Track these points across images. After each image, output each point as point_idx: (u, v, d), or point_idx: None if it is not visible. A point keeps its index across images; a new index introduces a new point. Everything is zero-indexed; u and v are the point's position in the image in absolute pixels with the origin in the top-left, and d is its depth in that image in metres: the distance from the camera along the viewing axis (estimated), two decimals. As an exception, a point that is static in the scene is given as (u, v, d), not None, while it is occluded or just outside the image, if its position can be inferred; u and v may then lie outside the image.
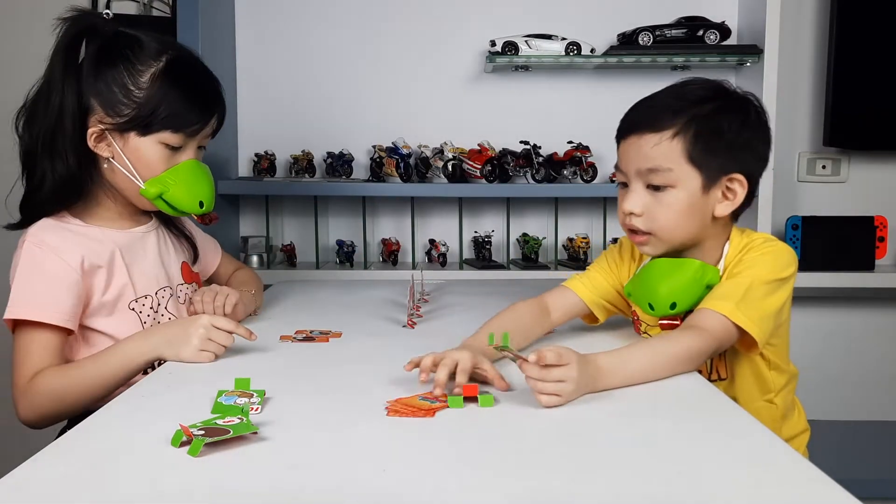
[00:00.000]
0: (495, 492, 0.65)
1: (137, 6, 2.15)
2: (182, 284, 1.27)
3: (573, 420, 0.83)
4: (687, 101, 1.07)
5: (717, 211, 1.08)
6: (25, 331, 1.08)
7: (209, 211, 1.22)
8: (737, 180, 1.07)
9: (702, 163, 1.05)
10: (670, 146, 1.04)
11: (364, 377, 0.99)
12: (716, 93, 1.09)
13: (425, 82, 2.27)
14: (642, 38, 2.10)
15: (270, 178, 2.22)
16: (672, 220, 1.07)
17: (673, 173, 1.05)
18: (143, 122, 1.12)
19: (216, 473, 0.68)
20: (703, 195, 1.06)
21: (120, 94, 1.12)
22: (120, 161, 1.15)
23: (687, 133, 1.04)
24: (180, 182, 1.17)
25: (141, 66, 1.13)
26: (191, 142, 1.17)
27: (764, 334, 1.02)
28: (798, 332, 2.30)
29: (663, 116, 1.06)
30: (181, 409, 0.84)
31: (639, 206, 1.07)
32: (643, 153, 1.06)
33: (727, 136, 1.05)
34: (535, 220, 2.31)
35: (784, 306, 1.08)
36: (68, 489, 0.66)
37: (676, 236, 1.08)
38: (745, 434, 0.79)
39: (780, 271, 1.07)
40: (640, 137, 1.07)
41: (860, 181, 2.32)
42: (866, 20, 2.18)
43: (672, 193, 1.06)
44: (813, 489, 0.65)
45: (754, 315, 1.01)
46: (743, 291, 1.02)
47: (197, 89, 1.18)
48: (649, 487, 0.65)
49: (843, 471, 0.76)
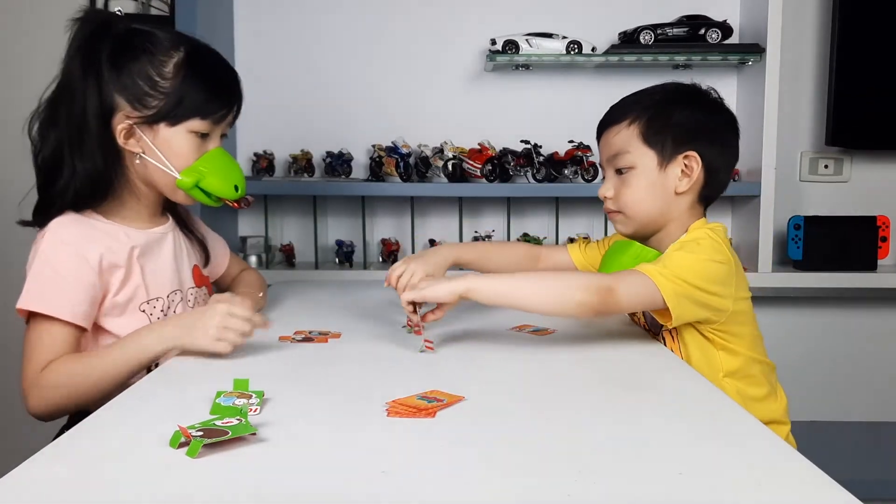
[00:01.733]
0: (495, 492, 0.64)
1: (136, 4, 2.15)
2: (193, 288, 1.27)
3: (573, 420, 0.83)
4: (644, 95, 1.25)
5: (678, 188, 1.20)
6: (39, 323, 1.08)
7: (244, 195, 1.23)
8: (692, 157, 1.19)
9: (654, 142, 1.20)
10: (628, 132, 1.21)
11: (364, 378, 0.99)
12: (673, 87, 1.25)
13: (425, 81, 2.27)
14: (644, 36, 2.10)
15: (269, 177, 2.22)
16: (635, 197, 1.21)
17: (631, 155, 1.21)
18: (172, 112, 1.13)
19: (215, 475, 0.68)
20: (661, 172, 1.20)
21: (146, 87, 1.12)
22: (152, 154, 1.14)
23: (641, 119, 1.21)
24: (214, 169, 1.17)
25: (163, 57, 1.13)
26: (216, 129, 1.18)
27: (677, 297, 1.08)
28: (799, 332, 2.33)
29: (623, 109, 1.24)
30: (179, 411, 0.84)
31: (610, 189, 1.24)
32: (609, 142, 1.25)
33: (676, 118, 1.20)
34: (535, 220, 2.31)
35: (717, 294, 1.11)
36: (67, 490, 0.65)
37: (642, 212, 1.22)
38: (746, 434, 0.79)
39: (710, 255, 1.13)
40: (607, 131, 1.25)
41: (862, 181, 2.32)
42: (868, 19, 2.17)
43: (633, 174, 1.21)
44: (813, 489, 0.65)
45: (668, 275, 1.08)
46: (661, 260, 1.12)
47: (219, 76, 1.19)
48: (649, 487, 0.65)
49: (843, 471, 0.76)
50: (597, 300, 1.06)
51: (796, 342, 2.34)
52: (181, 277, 1.24)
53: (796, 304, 2.32)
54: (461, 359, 1.08)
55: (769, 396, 1.21)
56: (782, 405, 1.23)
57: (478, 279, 1.09)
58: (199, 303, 1.28)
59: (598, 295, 1.06)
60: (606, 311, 1.09)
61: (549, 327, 1.24)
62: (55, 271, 1.09)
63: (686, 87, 1.25)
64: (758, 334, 1.21)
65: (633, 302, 1.10)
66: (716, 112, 1.23)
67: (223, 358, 1.04)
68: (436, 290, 1.09)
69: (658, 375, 1.02)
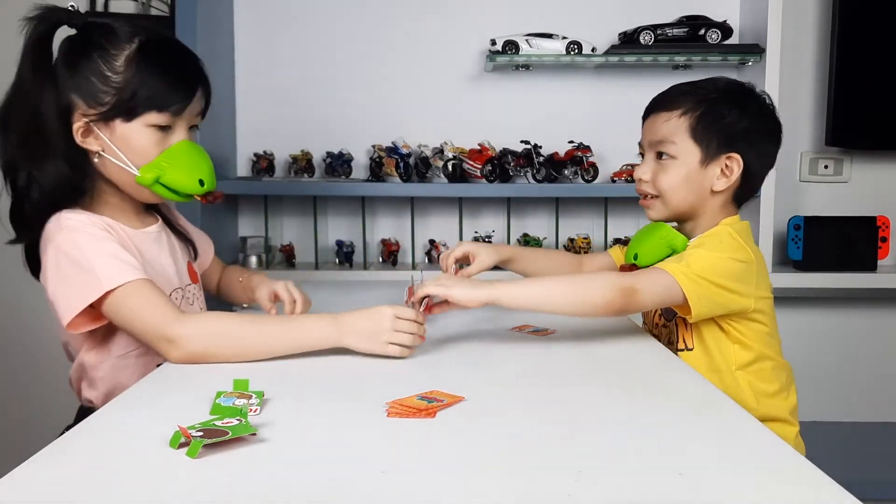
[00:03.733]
0: (495, 492, 0.64)
1: (136, 5, 2.15)
2: (190, 285, 1.26)
3: (573, 420, 0.83)
4: (699, 88, 1.24)
5: (714, 186, 1.21)
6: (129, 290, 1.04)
7: (211, 189, 1.17)
8: (734, 159, 1.20)
9: (702, 139, 1.21)
10: (677, 122, 1.22)
11: (364, 378, 0.99)
12: (727, 85, 1.26)
13: (425, 82, 2.27)
14: (643, 37, 2.10)
15: (269, 178, 2.22)
16: (671, 185, 1.23)
17: (676, 146, 1.22)
18: (126, 107, 1.09)
19: (215, 475, 0.68)
20: (702, 168, 1.21)
21: (98, 83, 1.09)
22: (110, 152, 1.11)
23: (693, 113, 1.21)
24: (176, 163, 1.12)
25: (114, 50, 1.09)
26: (179, 121, 1.13)
27: (698, 296, 1.10)
28: (800, 333, 2.33)
29: (676, 99, 1.24)
30: (180, 411, 0.84)
31: (648, 173, 1.25)
32: (656, 128, 1.24)
33: (727, 119, 1.21)
34: (535, 221, 2.31)
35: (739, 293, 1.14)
36: (67, 490, 0.65)
37: (676, 201, 1.23)
38: (746, 434, 0.79)
39: (731, 254, 1.15)
40: (656, 116, 1.25)
41: (862, 181, 2.32)
42: (868, 19, 2.17)
43: (674, 163, 1.22)
44: (813, 489, 0.65)
45: (689, 273, 1.11)
46: (683, 258, 1.14)
47: (175, 66, 1.14)
48: (649, 487, 0.65)
49: (843, 471, 0.76)
50: (621, 300, 1.09)
51: (796, 342, 2.33)
52: (179, 275, 1.23)
53: (796, 304, 2.32)
54: (461, 359, 1.08)
55: (779, 393, 1.21)
56: (790, 405, 1.23)
57: (502, 288, 1.09)
58: (197, 299, 1.27)
59: (623, 295, 1.09)
60: (631, 310, 1.13)
61: (549, 327, 1.24)
62: (107, 243, 1.06)
63: (740, 88, 1.25)
64: (775, 333, 1.23)
65: (657, 301, 1.14)
66: (763, 117, 1.24)
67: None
68: (462, 293, 1.09)
69: (658, 375, 1.02)
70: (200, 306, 1.28)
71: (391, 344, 1.04)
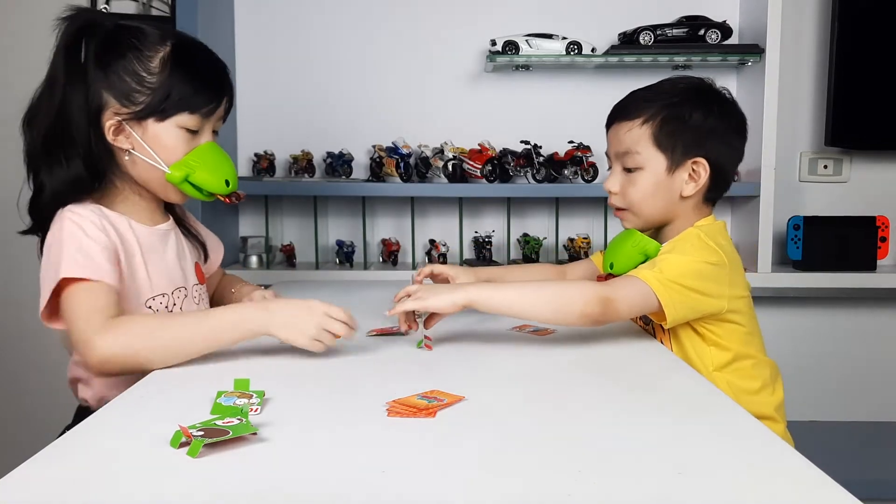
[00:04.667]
0: (495, 492, 0.65)
1: (137, 5, 2.15)
2: (196, 285, 1.27)
3: (573, 420, 0.83)
4: (659, 93, 1.23)
5: (683, 191, 1.21)
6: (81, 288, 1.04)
7: (235, 189, 1.22)
8: (701, 164, 1.20)
9: (666, 146, 1.20)
10: (640, 132, 1.21)
11: (364, 377, 0.99)
12: (687, 86, 1.24)
13: (425, 82, 2.27)
14: (643, 37, 2.10)
15: (270, 178, 2.22)
16: (641, 197, 1.22)
17: (640, 156, 1.21)
18: (160, 107, 1.12)
19: (215, 474, 0.68)
20: (669, 176, 1.21)
21: (133, 83, 1.12)
22: (141, 150, 1.14)
23: (655, 120, 1.20)
24: (204, 163, 1.16)
25: (149, 52, 1.12)
26: (207, 124, 1.18)
27: (673, 302, 1.10)
28: (799, 332, 2.33)
29: (636, 106, 1.22)
30: (180, 410, 0.84)
31: (616, 185, 1.25)
32: (619, 138, 1.23)
33: (691, 123, 1.19)
34: (535, 221, 2.31)
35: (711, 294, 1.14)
36: (68, 490, 0.65)
37: (647, 212, 1.24)
38: (745, 434, 0.79)
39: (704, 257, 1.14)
40: (618, 125, 1.24)
41: (862, 181, 2.32)
42: (868, 19, 2.17)
43: (641, 174, 1.22)
44: (813, 489, 0.65)
45: (663, 280, 1.11)
46: (656, 264, 1.14)
47: (207, 70, 1.18)
48: (649, 488, 0.65)
49: (843, 471, 0.76)
50: (598, 311, 1.09)
51: (796, 342, 2.34)
52: (185, 275, 1.25)
53: (796, 304, 2.32)
54: (461, 359, 1.08)
55: (762, 391, 1.21)
56: (775, 402, 1.23)
57: (479, 289, 1.10)
58: (203, 300, 1.28)
59: (599, 306, 1.09)
60: (608, 320, 1.12)
61: (549, 327, 1.24)
62: (86, 239, 1.07)
63: (700, 87, 1.24)
64: (755, 331, 1.22)
65: (633, 310, 1.13)
66: (727, 115, 1.23)
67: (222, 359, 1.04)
68: (437, 300, 1.09)
69: (658, 375, 1.02)
70: (205, 307, 1.29)
71: (316, 340, 1.04)
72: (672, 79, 1.27)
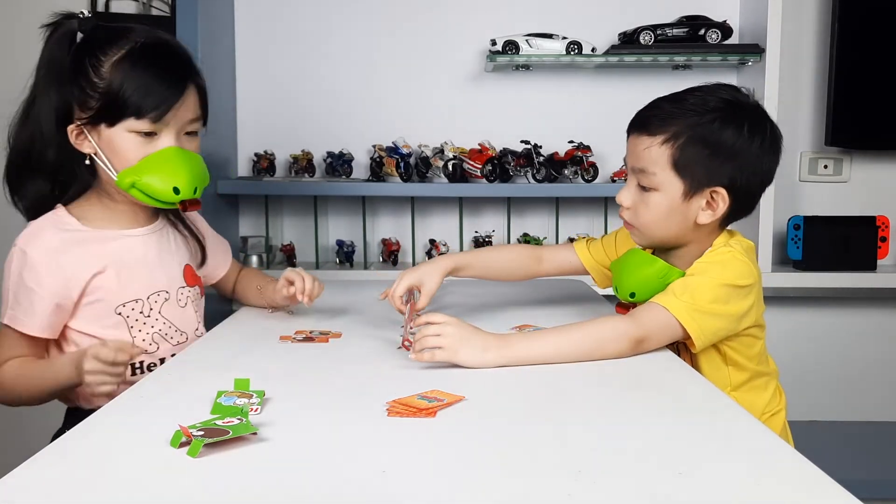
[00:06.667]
0: (495, 492, 0.65)
1: (137, 5, 2.15)
2: (184, 287, 1.25)
3: (573, 420, 0.83)
4: (685, 109, 1.11)
5: (699, 219, 1.13)
6: (7, 327, 1.14)
7: (187, 198, 1.16)
8: (720, 194, 1.11)
9: (686, 172, 1.10)
10: (659, 151, 1.11)
11: (364, 377, 0.99)
12: (717, 103, 1.11)
13: (425, 82, 2.27)
14: (643, 37, 2.10)
15: (270, 177, 2.22)
16: (652, 220, 1.14)
17: (657, 177, 1.11)
18: (108, 112, 1.11)
19: (215, 474, 0.68)
20: (685, 202, 1.12)
21: (87, 88, 1.12)
22: (98, 155, 1.14)
23: (676, 142, 1.10)
24: (153, 169, 1.13)
25: (103, 56, 1.12)
26: (164, 128, 1.13)
27: (702, 331, 1.06)
28: (799, 332, 2.33)
29: (659, 122, 1.11)
30: (180, 410, 0.84)
31: (628, 200, 1.16)
32: (637, 153, 1.14)
33: (716, 148, 1.09)
34: (535, 220, 2.31)
35: (741, 315, 1.09)
36: (68, 490, 0.66)
37: (658, 234, 1.16)
38: (746, 434, 0.79)
39: (735, 279, 1.09)
40: (637, 137, 1.14)
41: (862, 181, 2.32)
42: (868, 19, 2.17)
43: (655, 196, 1.13)
44: (813, 489, 0.65)
45: (692, 310, 1.06)
46: (687, 289, 1.07)
47: (157, 72, 1.13)
48: (649, 487, 0.65)
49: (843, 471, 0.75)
50: (631, 350, 1.05)
51: (796, 342, 2.34)
52: (168, 277, 1.23)
53: (796, 304, 2.32)
54: (461, 359, 1.08)
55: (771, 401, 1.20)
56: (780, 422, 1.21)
57: (509, 347, 1.03)
58: (191, 302, 1.26)
59: (633, 345, 1.05)
60: (640, 353, 1.07)
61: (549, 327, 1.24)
62: (19, 285, 1.13)
63: (731, 104, 1.12)
64: (764, 346, 1.19)
65: (663, 341, 1.09)
66: (760, 134, 1.12)
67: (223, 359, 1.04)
68: (471, 359, 1.01)
69: (658, 375, 1.02)
70: (196, 310, 1.28)
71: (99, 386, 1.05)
72: (702, 91, 1.14)
